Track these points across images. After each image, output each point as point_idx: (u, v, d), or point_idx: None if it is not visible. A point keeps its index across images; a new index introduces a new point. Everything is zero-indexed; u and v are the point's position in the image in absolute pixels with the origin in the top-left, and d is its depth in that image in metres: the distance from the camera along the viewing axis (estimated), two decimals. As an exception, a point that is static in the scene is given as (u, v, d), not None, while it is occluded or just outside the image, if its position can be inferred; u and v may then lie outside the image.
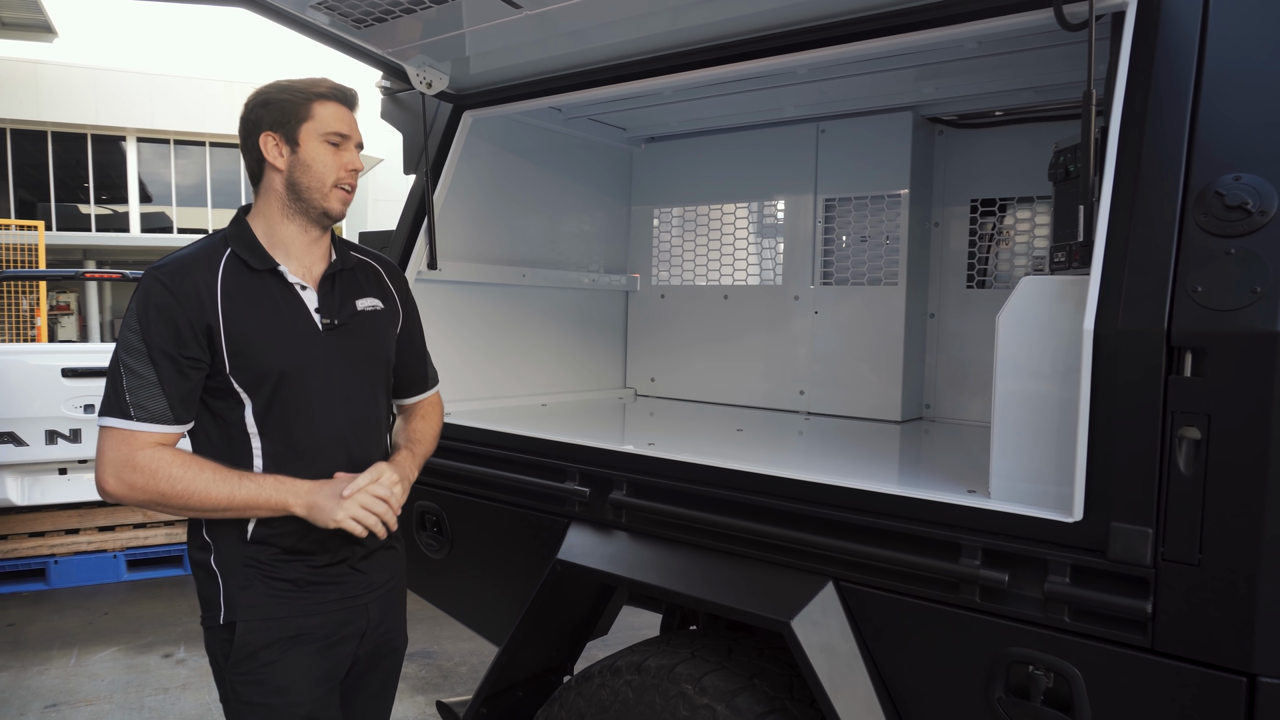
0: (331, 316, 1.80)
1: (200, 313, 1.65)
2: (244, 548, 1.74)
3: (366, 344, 1.85)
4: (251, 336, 1.69)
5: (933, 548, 1.60)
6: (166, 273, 1.67)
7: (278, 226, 1.78)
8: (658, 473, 1.99)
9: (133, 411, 1.63)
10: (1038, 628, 1.48)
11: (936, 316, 3.00)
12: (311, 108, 1.75)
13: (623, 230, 3.59)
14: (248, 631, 1.72)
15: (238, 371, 1.69)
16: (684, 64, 2.33)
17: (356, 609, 1.85)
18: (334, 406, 1.78)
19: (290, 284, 1.77)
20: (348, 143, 1.79)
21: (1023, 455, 1.62)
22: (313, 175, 1.75)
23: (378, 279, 1.98)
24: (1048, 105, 2.69)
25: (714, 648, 1.99)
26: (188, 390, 1.67)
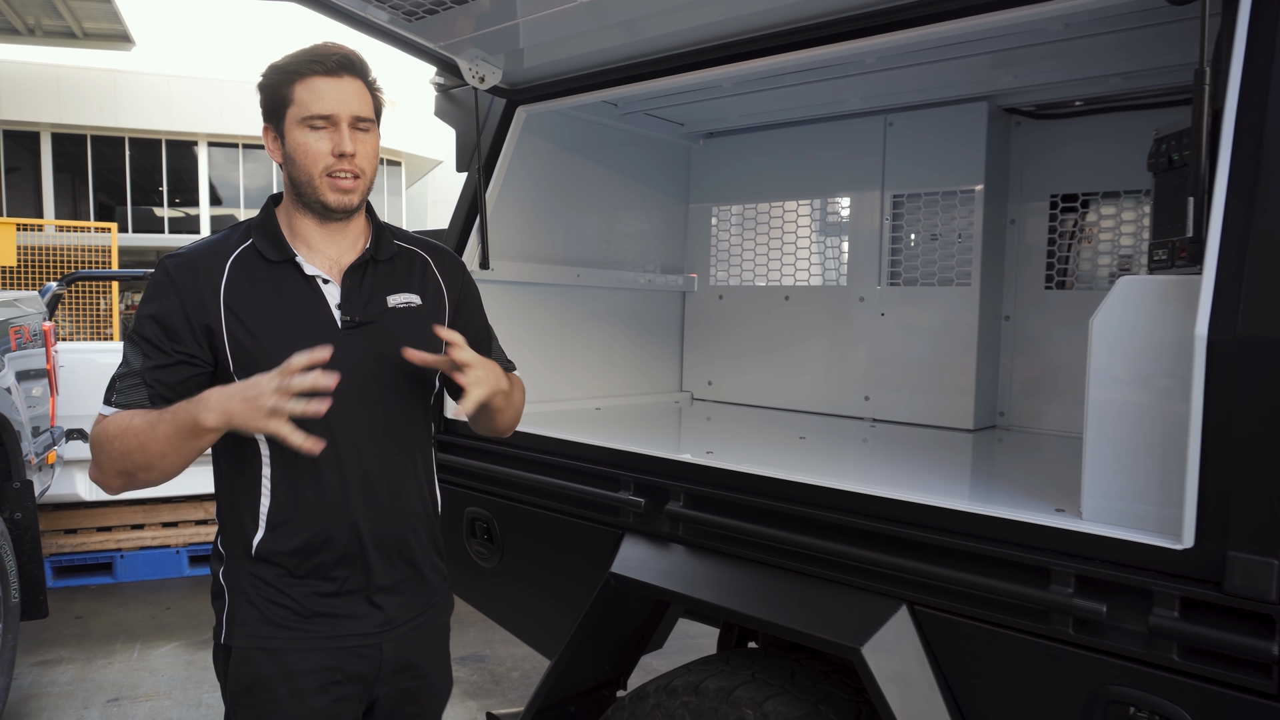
0: (354, 314, 1.61)
1: (200, 309, 1.54)
2: (248, 564, 1.58)
3: (396, 345, 1.60)
4: (256, 335, 1.55)
5: (1019, 572, 1.46)
6: (174, 264, 1.57)
7: (296, 219, 1.63)
8: (717, 483, 1.89)
9: (114, 398, 1.53)
10: (1141, 665, 1.33)
11: (1012, 319, 2.83)
12: (293, 90, 1.54)
13: (679, 229, 3.49)
14: (242, 661, 1.58)
15: (241, 371, 1.54)
16: (744, 53, 2.22)
17: (366, 649, 1.63)
18: (348, 413, 1.57)
19: (309, 277, 1.61)
20: (336, 122, 1.54)
21: (1120, 472, 1.47)
22: (299, 168, 1.56)
23: (423, 270, 1.76)
24: (1136, 92, 2.51)
25: (776, 670, 1.88)
26: (171, 384, 1.53)
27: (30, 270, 10.91)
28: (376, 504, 1.63)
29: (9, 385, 3.83)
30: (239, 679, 1.59)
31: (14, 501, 3.81)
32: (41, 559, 3.87)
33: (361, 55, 1.61)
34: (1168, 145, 1.53)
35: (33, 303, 4.58)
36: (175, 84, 21.02)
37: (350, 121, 1.56)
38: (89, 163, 21.14)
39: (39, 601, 3.84)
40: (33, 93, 19.53)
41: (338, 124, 1.55)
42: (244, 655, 1.58)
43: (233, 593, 1.61)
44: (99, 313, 12.15)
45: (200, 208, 22.25)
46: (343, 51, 1.58)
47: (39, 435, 4.26)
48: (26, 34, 14.57)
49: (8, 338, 3.97)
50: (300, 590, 1.59)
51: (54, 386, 4.58)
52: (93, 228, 13.76)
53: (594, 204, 3.15)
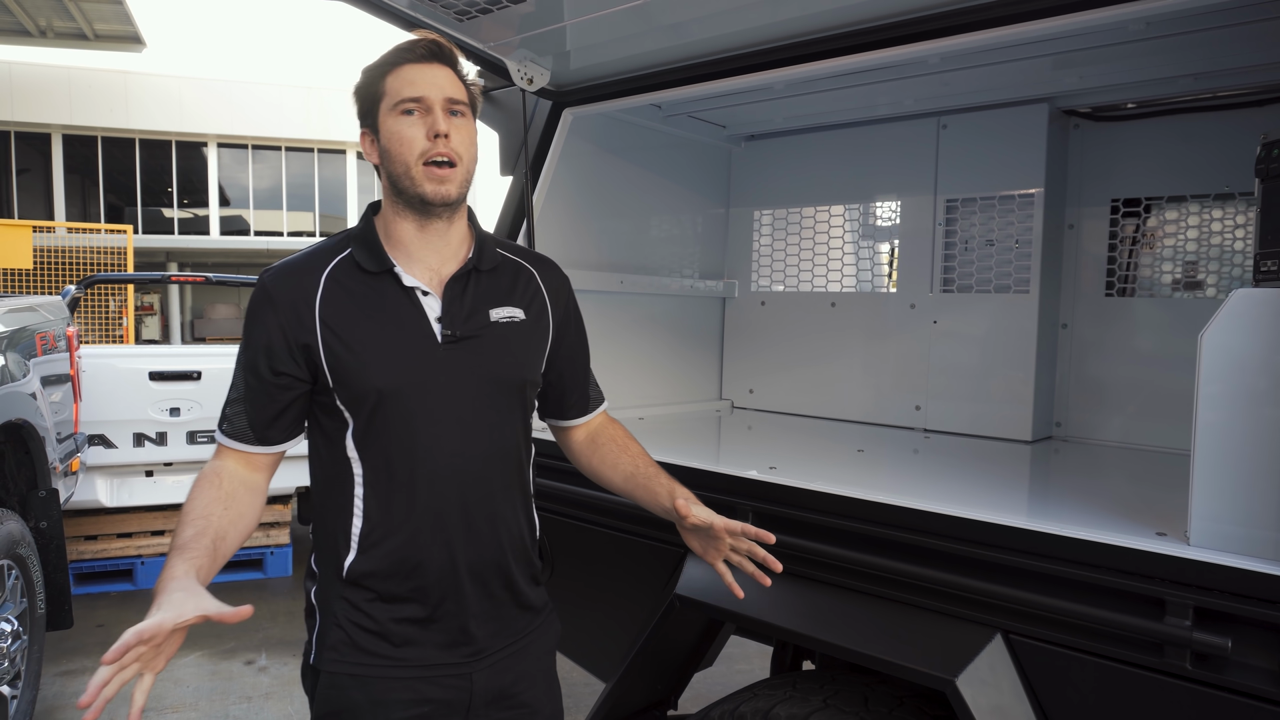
0: (454, 328, 1.51)
1: (297, 326, 1.48)
2: (340, 586, 1.52)
3: (497, 361, 1.54)
4: (354, 350, 1.47)
5: (1127, 601, 1.38)
6: (271, 279, 1.53)
7: (394, 226, 1.54)
8: (788, 502, 1.81)
9: (225, 426, 1.52)
10: (1270, 704, 1.25)
11: (1070, 327, 2.75)
12: (385, 83, 1.48)
13: (720, 233, 3.41)
14: (330, 686, 1.52)
15: (340, 388, 1.48)
16: (801, 56, 2.15)
17: (456, 679, 1.55)
18: (444, 433, 1.50)
19: (408, 289, 1.52)
20: (426, 104, 1.45)
21: (1233, 496, 1.40)
22: (395, 160, 1.47)
23: (528, 283, 1.65)
24: (1206, 94, 2.43)
25: (849, 696, 1.80)
26: (275, 411, 1.50)
27: (45, 272, 10.89)
28: (472, 528, 1.54)
29: (34, 391, 3.77)
30: (325, 703, 1.53)
31: (40, 510, 3.75)
32: (67, 568, 3.81)
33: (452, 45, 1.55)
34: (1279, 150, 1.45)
35: (55, 308, 4.52)
36: (185, 86, 21.02)
37: (443, 104, 1.47)
38: (99, 164, 21.15)
39: (64, 611, 3.78)
40: (44, 94, 19.55)
41: (430, 107, 1.46)
42: (332, 680, 1.52)
43: (323, 614, 1.55)
44: (109, 314, 12.13)
45: (210, 209, 22.25)
46: (431, 38, 1.51)
47: (63, 441, 4.20)
48: (38, 35, 14.58)
49: (33, 343, 3.92)
50: (390, 615, 1.52)
51: (77, 392, 4.52)
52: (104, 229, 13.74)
53: (635, 208, 3.08)
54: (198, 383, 5.49)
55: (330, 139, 22.55)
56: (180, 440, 5.47)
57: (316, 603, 1.57)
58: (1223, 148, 2.43)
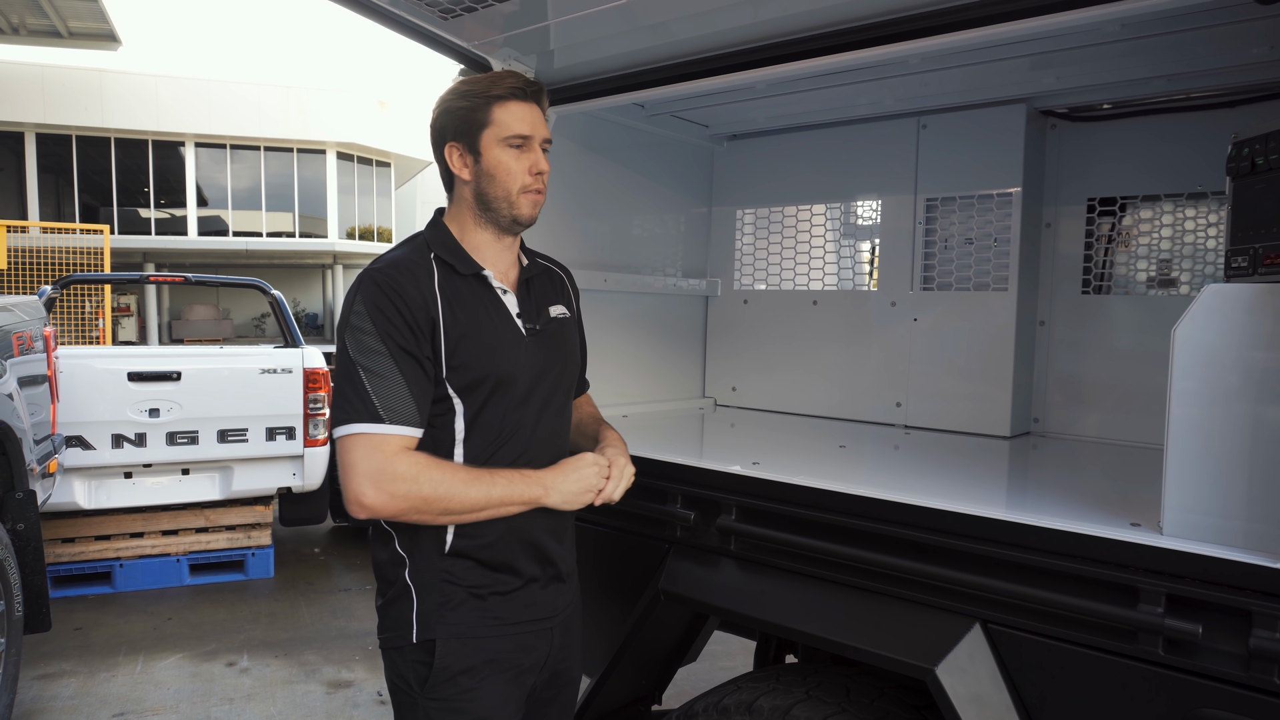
0: (533, 322, 1.75)
1: (426, 312, 1.60)
2: (441, 560, 1.64)
3: (560, 351, 1.80)
4: (470, 339, 1.64)
5: (1100, 590, 1.41)
6: (390, 273, 1.61)
7: (472, 233, 1.73)
8: (772, 496, 1.83)
9: (384, 415, 1.54)
10: (1239, 688, 1.28)
11: (1047, 324, 2.79)
12: (491, 112, 1.66)
13: (702, 232, 3.43)
14: (447, 654, 1.63)
15: (454, 375, 1.63)
16: (782, 56, 2.17)
17: (543, 633, 1.74)
18: (536, 413, 1.72)
19: (494, 288, 1.71)
20: (531, 143, 1.69)
21: (1204, 487, 1.43)
22: (498, 185, 1.68)
23: (561, 285, 1.91)
24: (1180, 95, 2.47)
25: (831, 687, 1.83)
26: (428, 390, 1.61)
27: (19, 273, 10.74)
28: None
29: (11, 392, 3.73)
30: (443, 671, 1.63)
31: (17, 512, 3.71)
32: (44, 570, 3.77)
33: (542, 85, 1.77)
34: (1250, 149, 1.49)
35: (32, 308, 4.47)
36: (162, 84, 20.81)
37: (541, 143, 1.71)
38: (74, 163, 20.89)
39: (42, 614, 3.74)
40: (17, 92, 19.27)
41: (533, 145, 1.69)
42: (449, 647, 1.63)
43: (425, 590, 1.65)
44: (85, 315, 11.98)
45: (187, 209, 22.04)
46: (533, 80, 1.72)
47: (40, 443, 4.16)
48: (11, 33, 14.38)
49: (10, 344, 3.87)
50: (490, 581, 1.67)
51: (54, 393, 4.47)
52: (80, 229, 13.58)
53: (618, 207, 3.09)
54: (177, 383, 5.45)
55: (309, 139, 22.42)
56: (160, 441, 5.42)
57: (414, 583, 1.65)
58: (1196, 148, 2.48)
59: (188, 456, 5.51)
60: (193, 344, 14.77)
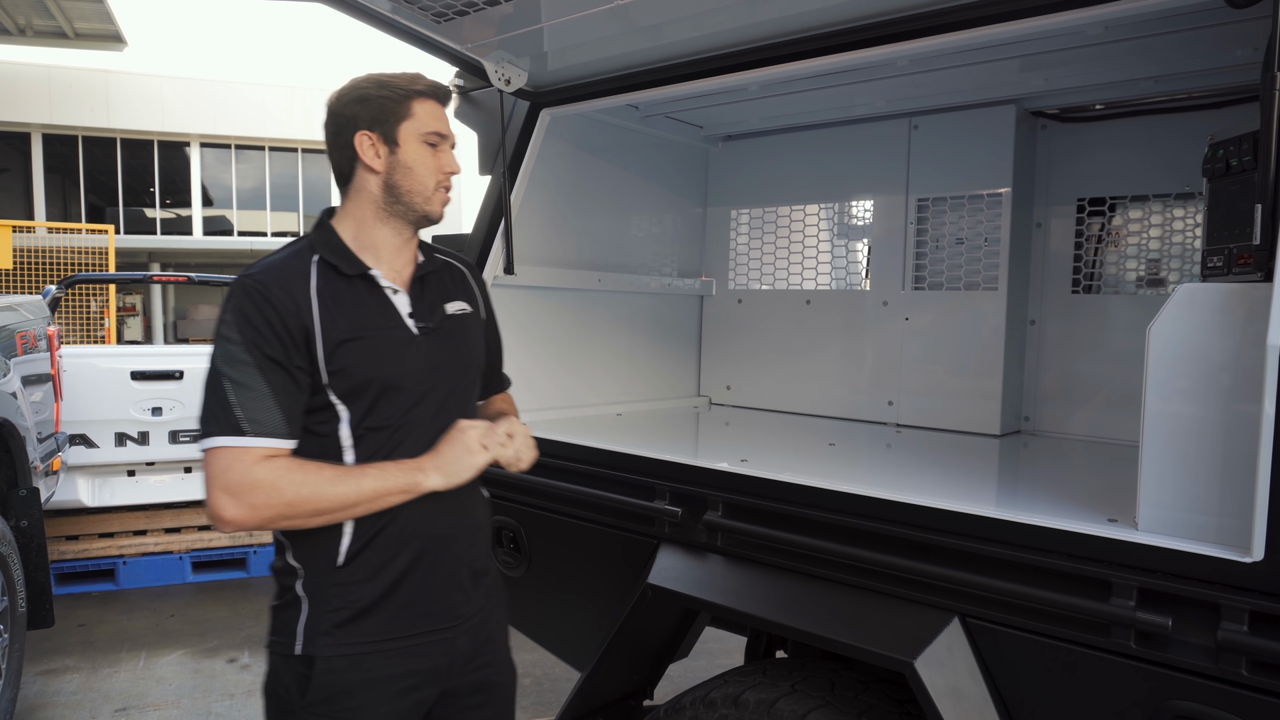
0: (425, 320, 1.69)
1: (299, 320, 1.55)
2: (334, 573, 1.60)
3: (459, 348, 1.76)
4: (349, 346, 1.58)
5: (1075, 583, 1.44)
6: (261, 279, 1.56)
7: (370, 229, 1.68)
8: (758, 493, 1.86)
9: (246, 426, 1.49)
10: (1208, 680, 1.31)
11: (1037, 323, 2.82)
12: (411, 106, 1.64)
13: (697, 232, 3.46)
14: (328, 672, 1.58)
15: (335, 381, 1.58)
16: (774, 57, 2.20)
17: (442, 643, 1.68)
18: (429, 414, 1.67)
19: (382, 288, 1.66)
20: (445, 143, 1.69)
21: (1178, 483, 1.45)
22: (414, 178, 1.65)
23: (463, 281, 1.87)
24: (1167, 96, 2.49)
25: (816, 682, 1.85)
26: (298, 400, 1.56)
27: (24, 273, 10.81)
28: (454, 505, 1.69)
29: (15, 390, 3.77)
30: (321, 688, 1.58)
31: (20, 509, 3.75)
32: (48, 567, 3.81)
33: None
34: (1225, 150, 1.51)
35: (36, 307, 4.52)
36: (167, 84, 20.87)
37: (452, 144, 1.72)
38: (80, 164, 20.97)
39: (45, 610, 3.79)
40: (23, 93, 19.36)
41: (447, 146, 1.70)
42: (328, 664, 1.58)
43: (315, 602, 1.60)
44: (91, 315, 12.05)
45: (192, 209, 22.12)
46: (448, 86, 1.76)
47: (43, 441, 4.21)
48: (17, 34, 14.45)
49: (13, 342, 3.92)
50: (384, 594, 1.62)
51: (58, 392, 4.52)
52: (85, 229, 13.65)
53: (613, 207, 3.12)
54: (180, 382, 5.49)
55: (314, 139, 22.43)
56: (162, 440, 5.47)
57: (305, 593, 1.61)
58: (1184, 149, 2.50)
59: (190, 455, 5.56)
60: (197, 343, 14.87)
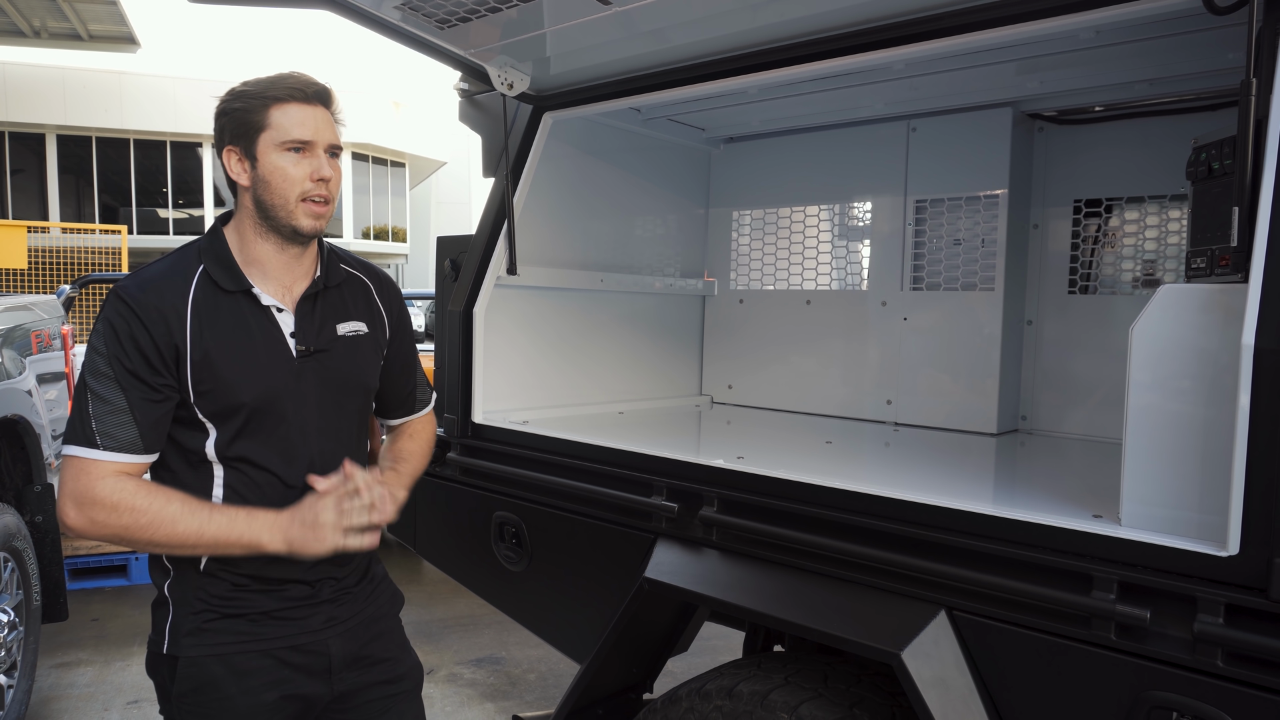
0: (308, 343, 1.65)
1: (168, 337, 1.52)
2: (197, 578, 1.60)
3: (344, 372, 1.70)
4: (219, 367, 1.55)
5: (1059, 578, 1.47)
6: (134, 293, 1.53)
7: (252, 245, 1.63)
8: (752, 489, 1.90)
9: (99, 440, 1.49)
10: (1185, 671, 1.34)
11: (1034, 323, 2.84)
12: (269, 114, 1.57)
13: (699, 233, 3.50)
14: (190, 665, 1.59)
15: (203, 401, 1.56)
16: (773, 61, 2.24)
17: (314, 646, 1.67)
18: (305, 438, 1.64)
19: (264, 306, 1.62)
20: (313, 148, 1.59)
21: (1159, 479, 1.49)
22: (274, 191, 1.58)
23: (365, 296, 1.80)
24: (1162, 98, 2.52)
25: (809, 674, 1.89)
26: (158, 417, 1.53)
27: (39, 273, 10.94)
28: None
29: (30, 388, 3.85)
30: (186, 680, 1.59)
31: (35, 505, 3.82)
32: (61, 562, 3.88)
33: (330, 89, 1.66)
34: (1207, 154, 1.54)
35: (50, 307, 4.60)
36: (180, 86, 21.04)
37: (326, 148, 1.61)
38: (94, 164, 21.17)
39: (59, 604, 3.86)
40: (38, 95, 19.57)
41: (315, 150, 1.60)
42: (191, 662, 1.59)
43: (179, 605, 1.62)
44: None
45: (204, 209, 22.28)
46: (316, 82, 1.63)
47: (57, 438, 4.28)
48: (32, 36, 14.63)
49: (28, 341, 3.99)
50: (249, 599, 1.62)
51: (72, 390, 4.59)
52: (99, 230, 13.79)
53: (616, 209, 3.16)
54: (191, 380, 5.56)
55: (325, 139, 22.56)
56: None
57: (170, 595, 1.63)
58: (1179, 150, 2.50)
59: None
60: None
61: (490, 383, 2.67)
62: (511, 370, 2.77)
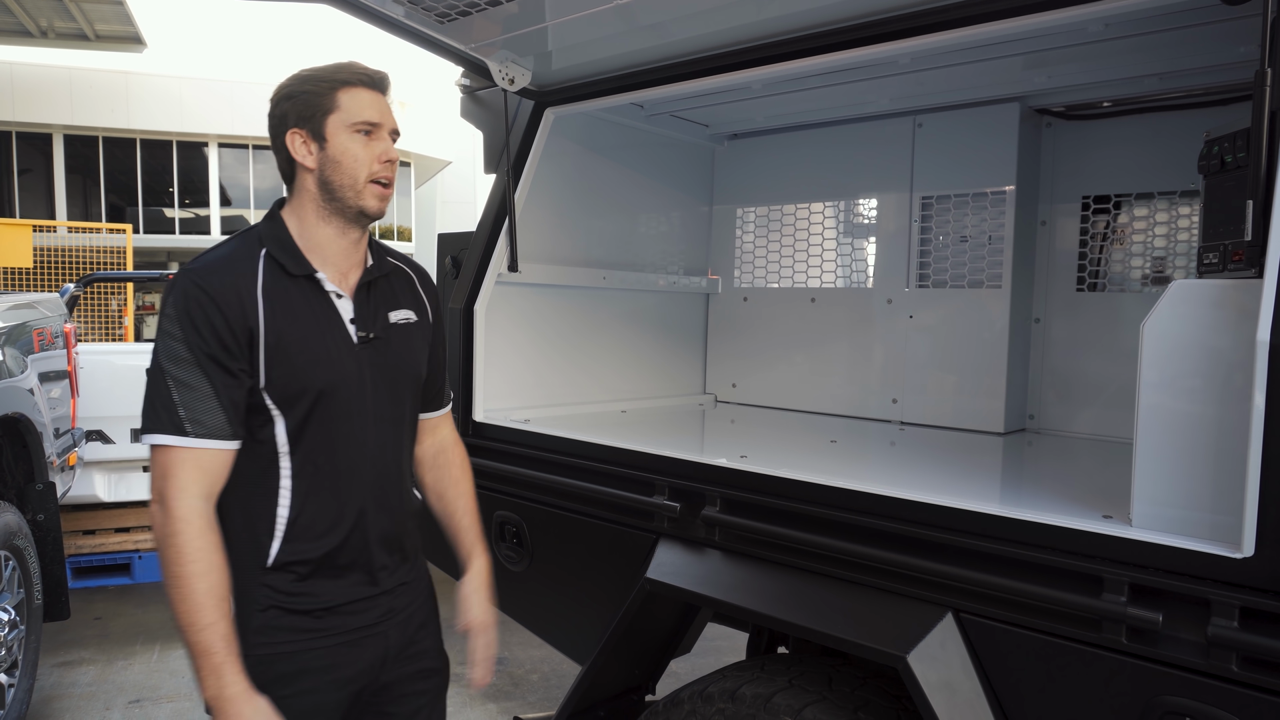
0: (367, 329, 1.65)
1: (243, 320, 1.51)
2: (261, 574, 1.58)
3: (399, 359, 1.71)
4: (291, 351, 1.55)
5: (1069, 579, 1.44)
6: (206, 276, 1.52)
7: (313, 229, 1.62)
8: (756, 488, 1.87)
9: (188, 426, 1.47)
10: (1198, 675, 1.31)
11: (1042, 321, 2.81)
12: (337, 97, 1.58)
13: (703, 231, 3.47)
14: (255, 664, 1.54)
15: (272, 387, 1.54)
16: (777, 55, 2.21)
17: (374, 636, 1.68)
18: (366, 425, 1.64)
19: (326, 292, 1.62)
20: (380, 130, 1.61)
21: (1171, 479, 1.45)
22: (344, 172, 1.58)
23: (411, 288, 1.82)
24: (1172, 93, 2.48)
25: (813, 676, 1.86)
26: (238, 401, 1.52)
27: (45, 271, 10.96)
28: (386, 506, 1.69)
29: (32, 387, 3.84)
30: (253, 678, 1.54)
31: (37, 503, 3.81)
32: (63, 560, 3.87)
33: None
34: (1220, 147, 1.51)
35: (53, 305, 4.59)
36: (186, 86, 21.07)
37: (390, 132, 1.64)
38: (100, 164, 21.21)
39: (61, 603, 3.85)
40: (45, 94, 19.61)
41: (381, 133, 1.62)
42: (256, 659, 1.56)
43: (243, 602, 1.58)
44: (110, 313, 12.20)
45: (210, 209, 22.32)
46: (380, 70, 1.65)
47: (60, 437, 4.27)
48: (39, 36, 14.65)
49: (30, 339, 3.98)
50: (313, 592, 1.62)
51: (74, 388, 4.59)
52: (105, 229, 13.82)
53: (619, 206, 3.14)
54: (194, 379, 5.55)
55: (331, 139, 22.58)
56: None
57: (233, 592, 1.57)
58: (1190, 145, 2.46)
59: (205, 451, 5.61)
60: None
61: (491, 381, 2.65)
62: (512, 368, 2.75)
